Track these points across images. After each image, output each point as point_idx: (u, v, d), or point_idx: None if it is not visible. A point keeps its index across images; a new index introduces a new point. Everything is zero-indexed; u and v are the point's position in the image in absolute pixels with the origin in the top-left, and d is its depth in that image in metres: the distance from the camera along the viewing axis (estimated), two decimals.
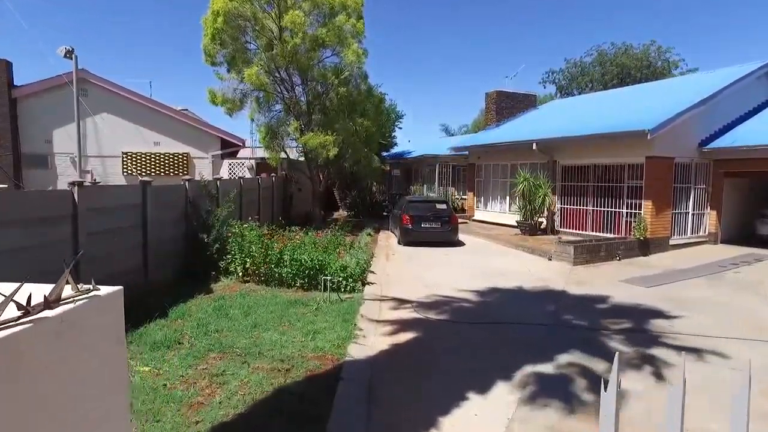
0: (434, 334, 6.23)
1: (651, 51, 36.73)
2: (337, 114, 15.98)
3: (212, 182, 10.43)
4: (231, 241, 8.71)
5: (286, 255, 8.30)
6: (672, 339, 6.02)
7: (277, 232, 10.58)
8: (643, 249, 12.14)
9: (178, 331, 5.87)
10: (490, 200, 18.60)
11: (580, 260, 11.05)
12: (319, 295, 7.54)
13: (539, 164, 15.77)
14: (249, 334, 5.82)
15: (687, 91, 14.18)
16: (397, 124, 27.16)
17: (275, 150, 15.18)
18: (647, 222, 12.09)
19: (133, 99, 16.30)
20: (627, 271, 10.30)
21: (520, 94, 20.71)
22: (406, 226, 13.11)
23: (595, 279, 9.58)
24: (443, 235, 13.21)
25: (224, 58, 15.04)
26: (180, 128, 16.93)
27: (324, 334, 5.86)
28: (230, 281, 8.65)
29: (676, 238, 12.86)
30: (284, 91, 15.75)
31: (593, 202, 13.98)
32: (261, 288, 8.27)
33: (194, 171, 17.11)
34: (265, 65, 14.69)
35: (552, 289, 8.76)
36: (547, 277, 9.74)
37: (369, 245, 13.08)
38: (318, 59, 15.50)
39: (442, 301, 7.79)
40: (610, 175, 13.54)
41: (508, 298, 8.10)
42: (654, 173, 12.22)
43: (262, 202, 14.13)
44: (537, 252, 12.19)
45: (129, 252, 6.96)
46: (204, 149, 17.20)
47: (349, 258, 9.74)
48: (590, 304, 7.77)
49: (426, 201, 14.10)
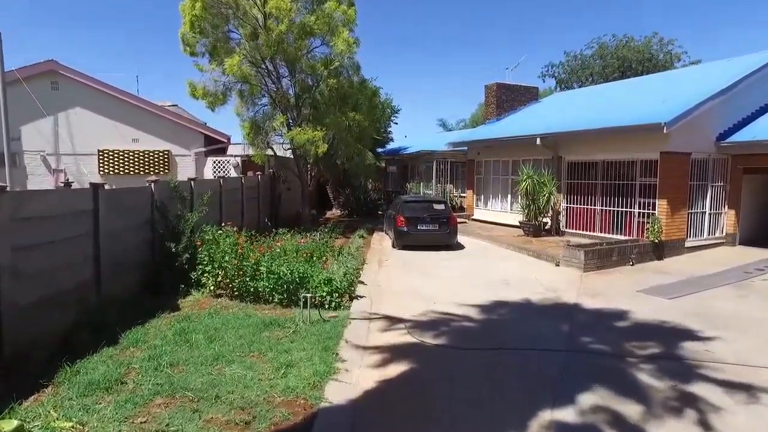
0: (431, 364, 5.27)
1: (653, 43, 35.79)
2: (328, 108, 14.99)
3: (185, 183, 9.44)
4: (202, 250, 7.73)
5: (262, 267, 7.33)
6: (712, 370, 5.07)
7: (258, 238, 9.63)
8: (657, 252, 11.20)
9: (124, 365, 4.90)
10: (491, 198, 17.63)
11: (591, 266, 10.11)
12: (299, 314, 6.57)
13: (543, 160, 14.81)
14: (209, 369, 4.85)
15: (702, 81, 13.20)
16: (393, 119, 26.11)
17: (260, 147, 14.17)
18: (662, 223, 11.14)
19: (109, 93, 15.24)
20: (643, 279, 9.36)
21: (521, 86, 19.69)
22: (400, 228, 12.13)
23: (609, 289, 8.64)
24: (441, 238, 12.23)
25: (205, 48, 14.02)
26: (161, 124, 15.89)
27: (299, 368, 4.89)
28: (201, 295, 7.69)
29: (691, 240, 11.93)
30: (270, 84, 14.73)
31: (602, 201, 13.03)
32: (234, 304, 7.30)
33: (176, 169, 16.09)
34: (248, 55, 13.66)
35: (563, 302, 7.81)
36: (557, 286, 8.79)
37: (361, 249, 12.12)
38: (307, 49, 14.48)
39: (439, 319, 6.83)
40: (620, 172, 12.58)
41: (514, 315, 7.15)
42: (669, 170, 11.26)
43: (246, 204, 13.14)
44: (543, 256, 11.24)
45: (76, 266, 5.97)
46: (186, 146, 16.17)
47: (337, 267, 8.79)
48: (609, 321, 6.82)
49: (422, 201, 13.10)
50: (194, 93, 13.71)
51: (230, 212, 11.92)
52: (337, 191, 22.31)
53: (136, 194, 7.69)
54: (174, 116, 16.19)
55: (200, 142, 16.38)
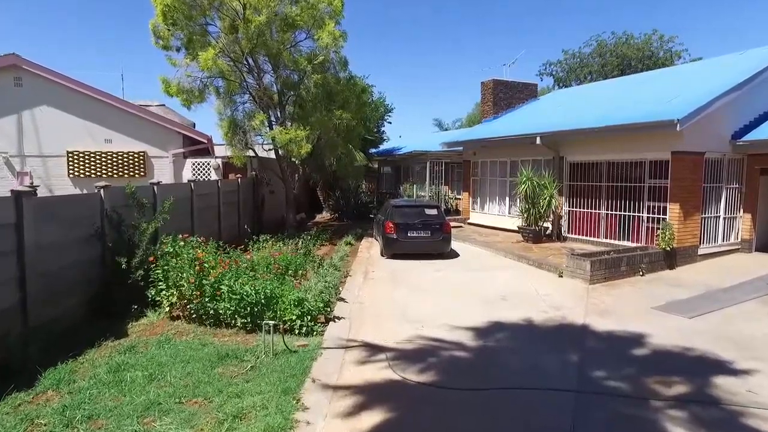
0: (415, 412, 4.31)
1: (653, 40, 34.99)
2: (315, 106, 14.02)
3: (146, 188, 8.46)
4: (157, 266, 6.75)
5: (224, 285, 6.36)
6: (762, 420, 4.12)
7: (231, 248, 8.64)
8: (668, 261, 10.27)
9: (27, 420, 3.93)
10: (488, 201, 16.68)
11: (598, 277, 9.16)
12: (262, 343, 5.60)
13: (543, 161, 13.87)
14: (135, 425, 3.89)
15: (712, 75, 12.29)
16: (386, 118, 25.12)
17: (239, 147, 13.16)
18: (674, 229, 10.21)
19: (79, 90, 14.23)
20: (656, 293, 8.42)
21: (519, 83, 18.72)
22: (389, 235, 11.15)
23: (620, 305, 7.69)
24: (434, 246, 11.25)
25: (181, 42, 13.01)
26: (136, 124, 14.88)
27: (248, 422, 3.93)
28: (157, 317, 6.72)
29: (705, 247, 11.00)
30: (252, 81, 13.74)
31: (607, 204, 12.09)
32: (192, 329, 6.33)
33: (152, 172, 15.09)
34: (226, 49, 12.67)
35: (570, 322, 6.86)
36: (561, 302, 7.84)
37: (346, 259, 11.15)
38: (290, 43, 13.49)
39: (427, 347, 5.87)
40: (626, 173, 11.65)
41: (515, 341, 6.19)
42: (681, 171, 10.33)
43: (223, 209, 12.17)
44: (545, 266, 10.29)
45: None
46: (164, 147, 15.17)
47: (315, 282, 7.85)
48: (624, 348, 5.87)
49: (413, 205, 12.10)
50: (168, 90, 12.70)
51: (204, 219, 10.96)
52: (328, 194, 21.31)
53: (79, 203, 6.72)
54: (151, 115, 15.18)
55: (178, 143, 15.38)
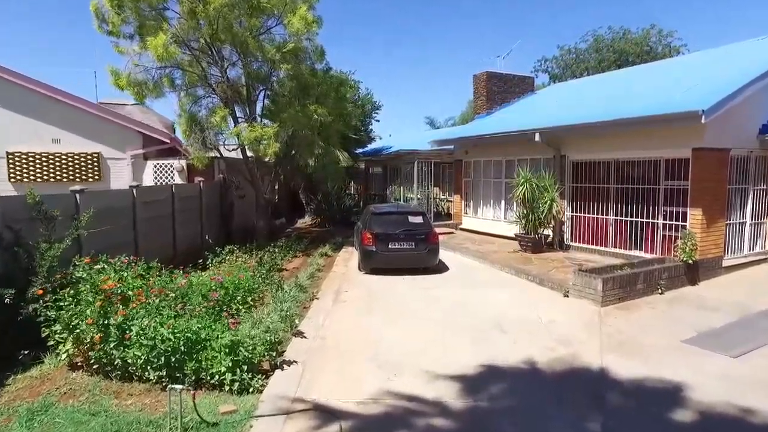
0: None
1: (651, 35, 33.82)
2: (289, 101, 12.55)
3: (65, 197, 6.95)
4: (50, 300, 5.24)
5: (135, 326, 4.86)
6: None
7: (161, 274, 6.99)
8: (690, 275, 8.86)
9: None
10: (482, 205, 15.23)
11: (611, 298, 7.73)
12: (169, 410, 4.10)
13: (543, 160, 12.44)
14: None
15: (730, 65, 10.90)
16: (374, 116, 23.61)
17: (198, 147, 11.62)
18: (696, 238, 8.80)
19: (20, 84, 12.67)
20: (683, 317, 7.00)
21: (515, 76, 17.25)
22: (367, 247, 9.66)
23: (643, 337, 6.25)
24: (418, 259, 9.77)
25: (134, 29, 11.49)
26: (89, 122, 13.32)
27: None
28: (55, 365, 5.22)
29: (729, 258, 9.61)
30: (216, 72, 12.23)
31: (615, 209, 10.68)
32: (92, 384, 4.83)
33: (109, 175, 13.57)
34: (184, 35, 11.16)
35: (584, 365, 5.40)
36: (570, 333, 6.39)
37: (317, 275, 9.68)
38: (259, 30, 12.00)
39: (398, 410, 4.39)
40: (639, 173, 10.24)
41: (514, 398, 4.71)
42: (704, 171, 8.92)
43: (179, 218, 10.64)
44: (547, 283, 8.84)
45: None
46: (122, 148, 13.63)
47: (271, 308, 6.41)
48: (661, 409, 4.41)
49: (395, 212, 10.58)
50: (118, 82, 11.15)
51: (152, 231, 9.44)
52: (309, 197, 19.79)
53: None
54: (106, 112, 13.62)
55: (138, 143, 13.83)
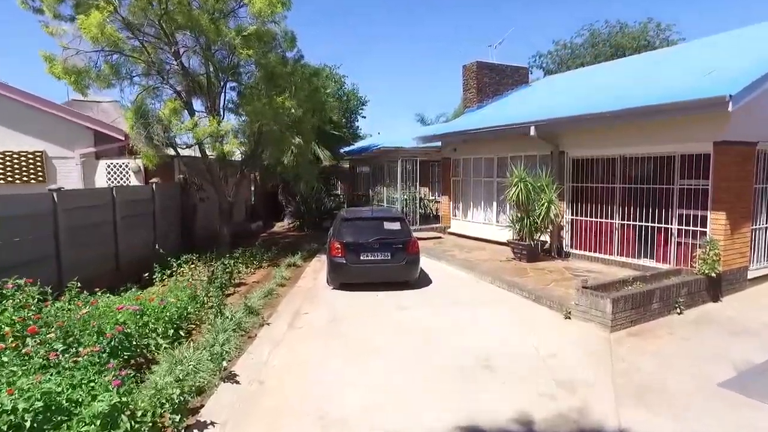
0: None
1: (649, 29, 32.75)
2: (256, 93, 11.19)
3: None
4: None
5: None
6: None
7: (77, 296, 5.72)
8: (712, 290, 7.56)
9: None
10: (472, 207, 13.90)
11: (622, 321, 6.41)
12: None
13: (539, 157, 11.13)
14: None
15: (746, 50, 9.56)
16: (359, 112, 22.23)
17: (144, 144, 10.18)
18: (720, 246, 7.50)
19: None
20: (713, 347, 5.68)
21: (508, 66, 15.88)
22: (336, 259, 8.27)
23: (667, 378, 4.92)
24: (395, 273, 8.39)
25: (72, 8, 10.07)
26: (30, 117, 11.87)
27: None
28: None
29: (755, 269, 8.32)
30: (171, 59, 10.83)
31: (622, 212, 9.37)
32: None
33: (55, 176, 12.12)
34: (133, 16, 9.75)
35: (595, 425, 4.05)
36: (575, 373, 5.06)
37: (277, 291, 8.31)
38: (221, 12, 10.63)
39: None
40: (649, 171, 8.94)
41: None
42: (727, 168, 7.62)
43: (122, 224, 9.25)
44: (544, 300, 7.51)
45: None
46: (70, 146, 12.19)
47: (207, 340, 5.08)
48: None
49: (369, 218, 9.14)
50: (53, 69, 9.71)
51: (86, 241, 8.04)
52: (287, 199, 18.37)
53: None
54: (50, 106, 12.17)
55: (89, 141, 12.39)
